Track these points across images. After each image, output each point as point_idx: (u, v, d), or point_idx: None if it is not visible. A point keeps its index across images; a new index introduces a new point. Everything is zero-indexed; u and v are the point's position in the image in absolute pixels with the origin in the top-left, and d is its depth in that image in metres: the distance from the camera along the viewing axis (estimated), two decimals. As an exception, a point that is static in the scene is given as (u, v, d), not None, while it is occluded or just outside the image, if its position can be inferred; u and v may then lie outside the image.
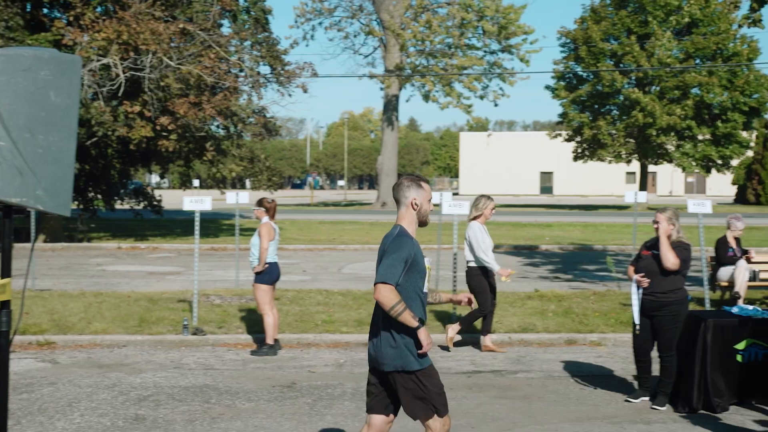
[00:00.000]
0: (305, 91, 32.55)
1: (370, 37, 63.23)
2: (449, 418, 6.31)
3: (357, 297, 17.10)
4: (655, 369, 10.14)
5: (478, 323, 13.18)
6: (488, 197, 12.92)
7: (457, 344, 13.31)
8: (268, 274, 12.45)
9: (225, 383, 10.73)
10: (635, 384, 10.49)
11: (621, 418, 9.35)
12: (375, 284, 6.00)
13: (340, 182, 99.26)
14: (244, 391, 10.35)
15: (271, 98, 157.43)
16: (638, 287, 9.79)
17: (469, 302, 6.81)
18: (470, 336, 13.54)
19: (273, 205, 12.76)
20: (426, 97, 59.57)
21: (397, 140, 64.36)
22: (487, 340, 12.84)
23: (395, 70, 59.33)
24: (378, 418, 6.42)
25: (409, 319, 6.01)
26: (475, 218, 12.67)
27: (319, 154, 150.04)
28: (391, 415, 6.44)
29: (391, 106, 60.99)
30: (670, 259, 9.58)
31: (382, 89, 61.50)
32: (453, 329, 12.77)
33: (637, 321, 9.83)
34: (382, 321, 6.16)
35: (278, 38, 33.79)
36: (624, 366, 11.81)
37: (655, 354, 9.96)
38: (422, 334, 6.07)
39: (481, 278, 12.66)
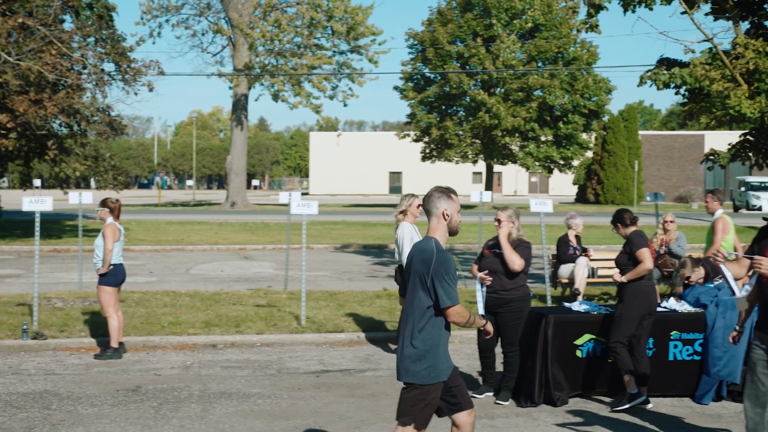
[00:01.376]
0: (151, 89, 31.92)
1: (219, 36, 62.49)
2: None
3: (205, 298, 16.90)
4: (500, 365, 10.38)
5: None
6: (413, 195, 12.35)
7: (306, 345, 13.30)
8: (113, 276, 12.18)
9: (67, 388, 10.43)
10: (480, 380, 10.71)
11: (466, 414, 9.53)
12: (446, 309, 6.27)
13: (189, 182, 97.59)
14: (87, 396, 10.10)
15: (117, 96, 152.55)
16: (482, 285, 10.01)
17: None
18: (320, 336, 13.55)
19: (117, 205, 12.48)
20: (275, 97, 59.24)
21: (247, 140, 63.81)
22: None
23: (244, 69, 58.81)
24: (458, 417, 6.63)
25: (480, 322, 6.66)
26: (402, 213, 12.14)
27: (166, 154, 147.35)
28: (470, 410, 6.62)
29: (240, 106, 60.46)
30: (516, 261, 9.85)
31: (230, 88, 60.85)
32: None
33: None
34: (405, 333, 6.44)
35: (124, 35, 32.98)
36: (469, 362, 12.04)
37: (499, 350, 10.20)
38: (487, 326, 6.83)
39: None
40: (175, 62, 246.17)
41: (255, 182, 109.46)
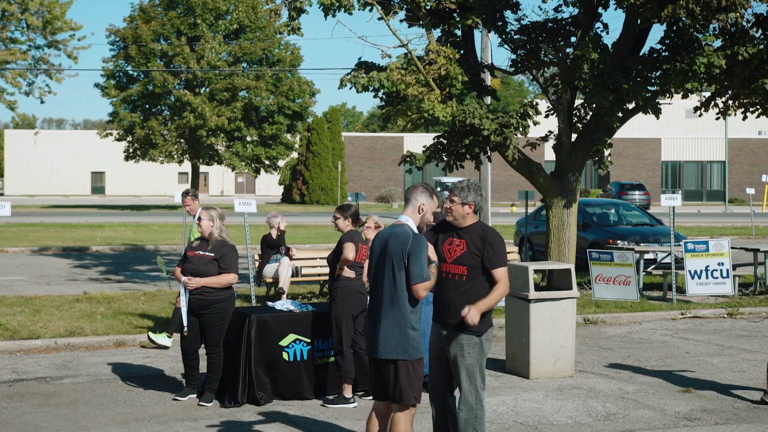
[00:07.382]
0: None
1: None
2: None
3: None
4: (204, 367, 10.32)
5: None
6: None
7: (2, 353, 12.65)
8: None
9: None
10: (184, 382, 10.61)
11: (168, 417, 9.43)
12: (415, 284, 6.88)
13: None
14: None
15: None
16: (185, 289, 9.93)
17: None
18: (14, 343, 12.91)
19: None
20: (-35, 92, 56.03)
21: (-68, 137, 59.79)
22: None
23: (-71, 61, 55.06)
24: (382, 404, 7.20)
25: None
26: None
27: None
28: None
29: (-76, 101, 56.51)
30: (228, 278, 9.90)
31: None
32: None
33: (185, 322, 9.96)
34: (386, 313, 6.96)
35: None
36: (173, 365, 11.89)
37: (203, 351, 10.15)
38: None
39: None
40: None
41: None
